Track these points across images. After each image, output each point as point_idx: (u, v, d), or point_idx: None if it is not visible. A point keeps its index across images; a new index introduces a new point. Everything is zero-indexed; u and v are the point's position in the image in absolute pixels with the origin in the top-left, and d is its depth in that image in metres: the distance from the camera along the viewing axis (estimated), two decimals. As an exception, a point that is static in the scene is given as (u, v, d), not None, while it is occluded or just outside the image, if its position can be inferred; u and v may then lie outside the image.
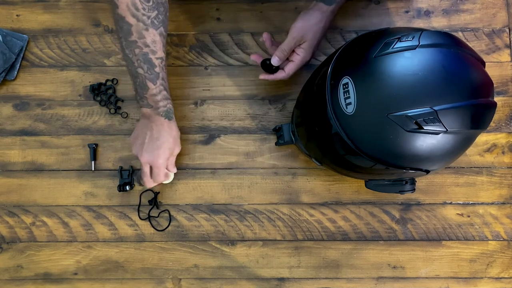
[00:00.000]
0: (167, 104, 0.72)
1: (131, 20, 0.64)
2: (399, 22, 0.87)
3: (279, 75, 0.76)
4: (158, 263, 0.84)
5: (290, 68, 0.76)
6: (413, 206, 0.84)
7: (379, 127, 0.56)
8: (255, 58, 0.79)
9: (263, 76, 0.78)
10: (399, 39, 0.58)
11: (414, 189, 0.70)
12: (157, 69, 0.68)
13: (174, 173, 0.81)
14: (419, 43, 0.56)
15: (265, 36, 0.77)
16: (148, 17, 0.64)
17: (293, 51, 0.75)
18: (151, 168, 0.75)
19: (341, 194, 0.84)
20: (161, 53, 0.68)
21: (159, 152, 0.73)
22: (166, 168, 0.77)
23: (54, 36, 0.88)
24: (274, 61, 0.75)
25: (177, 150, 0.77)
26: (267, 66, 0.77)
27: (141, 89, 0.70)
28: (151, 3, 0.64)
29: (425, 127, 0.54)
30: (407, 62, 0.56)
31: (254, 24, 0.87)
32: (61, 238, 0.84)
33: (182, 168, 0.85)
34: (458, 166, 0.84)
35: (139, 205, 0.84)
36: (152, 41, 0.66)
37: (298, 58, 0.75)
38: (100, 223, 0.84)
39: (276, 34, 0.87)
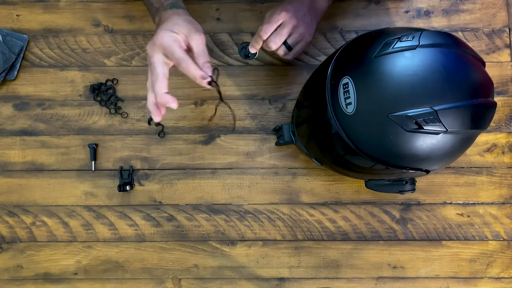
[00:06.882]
0: None
1: None
2: (399, 22, 0.87)
3: (286, 55, 0.74)
4: (158, 263, 0.84)
5: (295, 50, 0.73)
6: (413, 206, 0.84)
7: (379, 127, 0.56)
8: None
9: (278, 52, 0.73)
10: (399, 39, 0.57)
11: (414, 189, 0.70)
12: None
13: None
14: (419, 43, 0.56)
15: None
16: None
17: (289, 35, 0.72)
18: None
19: (341, 194, 0.84)
20: None
21: (160, 33, 0.61)
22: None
23: (54, 36, 0.88)
24: (252, 49, 0.74)
25: (195, 35, 0.62)
26: (245, 53, 0.77)
27: None
28: None
29: (425, 127, 0.54)
30: (407, 62, 0.56)
31: (254, 24, 0.87)
32: (61, 238, 0.84)
33: (182, 168, 0.85)
34: (458, 166, 0.84)
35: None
36: None
37: (295, 36, 0.71)
38: (100, 223, 0.84)
39: (276, 34, 0.87)
